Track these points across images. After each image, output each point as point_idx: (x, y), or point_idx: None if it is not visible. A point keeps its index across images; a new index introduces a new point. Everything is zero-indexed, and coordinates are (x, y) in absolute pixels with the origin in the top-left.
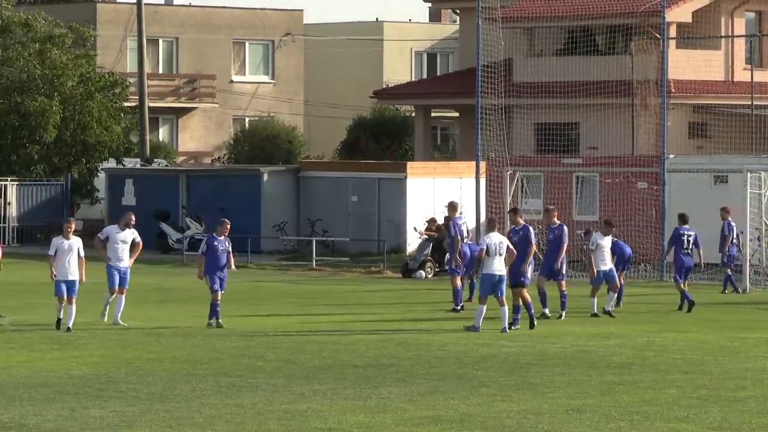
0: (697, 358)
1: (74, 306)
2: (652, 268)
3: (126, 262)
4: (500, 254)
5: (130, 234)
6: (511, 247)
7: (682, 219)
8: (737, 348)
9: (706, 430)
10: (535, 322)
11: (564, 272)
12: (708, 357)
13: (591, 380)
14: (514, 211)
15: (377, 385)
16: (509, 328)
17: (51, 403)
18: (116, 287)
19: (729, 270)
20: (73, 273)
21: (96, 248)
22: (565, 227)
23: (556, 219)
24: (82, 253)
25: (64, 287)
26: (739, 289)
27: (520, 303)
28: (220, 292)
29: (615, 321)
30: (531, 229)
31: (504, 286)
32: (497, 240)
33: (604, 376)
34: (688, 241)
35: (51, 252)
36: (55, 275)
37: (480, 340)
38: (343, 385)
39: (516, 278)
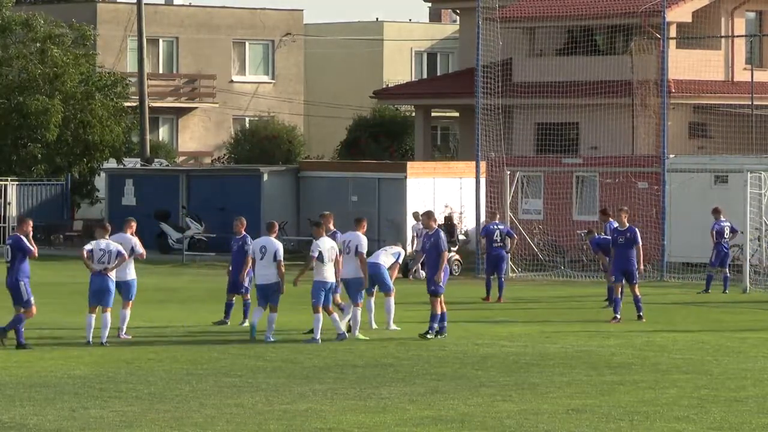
0: (697, 358)
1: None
2: (653, 268)
3: None
4: (331, 260)
5: None
6: (338, 254)
7: (491, 216)
8: (737, 348)
9: (706, 431)
10: (429, 335)
11: (247, 286)
12: (708, 357)
13: (591, 380)
14: (428, 214)
15: (377, 385)
16: (426, 336)
17: (51, 403)
18: None
19: (724, 270)
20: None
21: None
22: (249, 238)
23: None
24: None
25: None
26: (709, 291)
27: (438, 311)
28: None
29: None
30: (443, 234)
31: (331, 295)
32: (329, 246)
33: (604, 376)
34: (501, 235)
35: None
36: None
37: (480, 340)
38: (343, 385)
39: (428, 286)
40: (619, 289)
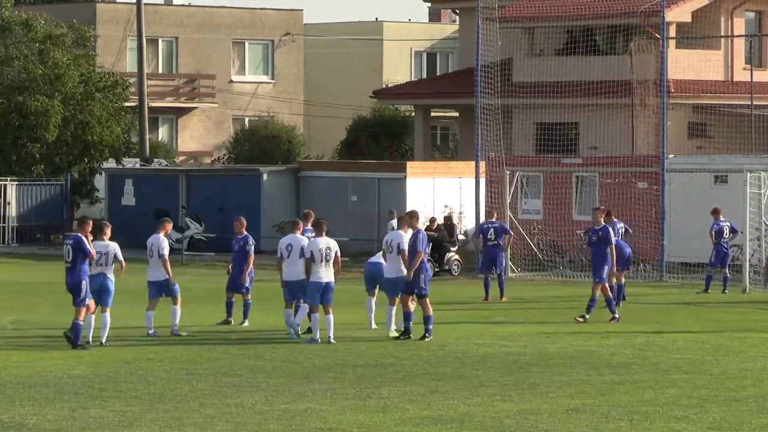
0: (696, 358)
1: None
2: (652, 268)
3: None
4: (327, 260)
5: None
6: (339, 253)
7: (488, 214)
8: (737, 348)
9: (705, 430)
10: (428, 337)
11: (248, 286)
12: (708, 357)
13: (591, 380)
14: (410, 214)
15: (377, 384)
16: (424, 338)
17: (51, 403)
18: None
19: (724, 270)
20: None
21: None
22: (251, 238)
23: (244, 230)
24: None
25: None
26: (709, 291)
27: (430, 312)
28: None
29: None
30: (422, 234)
31: (331, 294)
32: (324, 246)
33: (604, 376)
34: (495, 233)
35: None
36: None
37: (479, 340)
38: (342, 385)
39: (409, 287)
40: (608, 288)
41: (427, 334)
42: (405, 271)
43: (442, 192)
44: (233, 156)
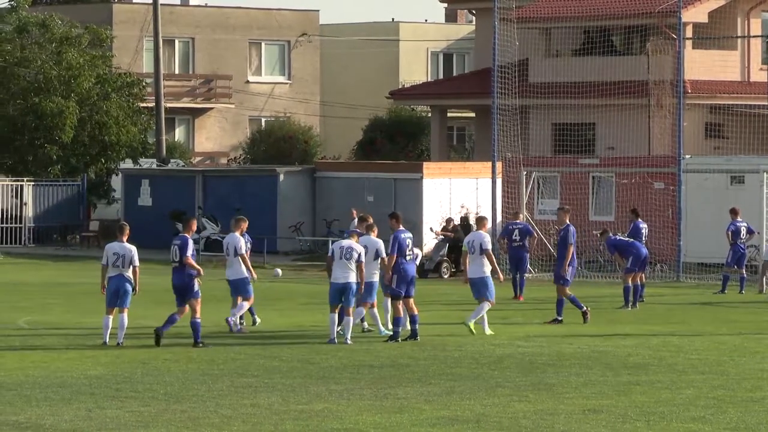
0: (713, 359)
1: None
2: (669, 268)
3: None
4: (346, 259)
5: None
6: (362, 257)
7: (514, 215)
8: (754, 348)
9: (722, 431)
10: (417, 336)
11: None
12: (724, 357)
13: (607, 380)
14: (390, 216)
15: (393, 385)
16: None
17: (67, 404)
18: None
19: (741, 270)
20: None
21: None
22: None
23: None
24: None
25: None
26: (725, 291)
27: (399, 314)
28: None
29: (631, 321)
30: (401, 236)
31: (351, 296)
32: (346, 244)
33: (621, 377)
34: (520, 234)
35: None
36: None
37: (496, 341)
38: (359, 386)
39: (386, 289)
40: (566, 290)
41: (395, 336)
42: (487, 272)
43: (458, 192)
44: (249, 156)
